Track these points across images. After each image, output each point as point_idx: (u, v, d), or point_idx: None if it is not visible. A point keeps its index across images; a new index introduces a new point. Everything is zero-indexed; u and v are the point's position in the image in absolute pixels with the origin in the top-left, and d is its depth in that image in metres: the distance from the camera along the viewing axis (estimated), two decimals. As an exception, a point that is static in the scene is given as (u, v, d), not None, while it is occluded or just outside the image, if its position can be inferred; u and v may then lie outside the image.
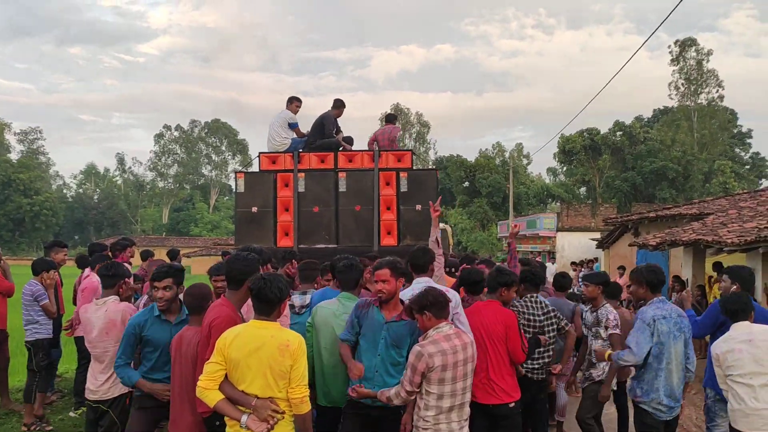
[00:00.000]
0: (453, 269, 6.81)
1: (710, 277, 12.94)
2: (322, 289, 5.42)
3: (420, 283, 4.76)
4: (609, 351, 5.15)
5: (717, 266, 12.51)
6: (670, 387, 4.72)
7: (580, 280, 16.01)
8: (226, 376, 3.58)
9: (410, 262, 5.03)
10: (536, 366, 5.49)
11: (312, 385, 4.37)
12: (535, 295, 5.67)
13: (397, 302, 4.34)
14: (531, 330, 5.45)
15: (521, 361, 4.79)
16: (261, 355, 3.51)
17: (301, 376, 3.58)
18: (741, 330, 4.65)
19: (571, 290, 8.38)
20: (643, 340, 4.63)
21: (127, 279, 5.11)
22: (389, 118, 10.81)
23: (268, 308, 3.63)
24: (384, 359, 4.22)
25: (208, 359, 3.64)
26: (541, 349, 5.47)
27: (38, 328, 6.91)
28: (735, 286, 5.74)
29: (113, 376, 4.69)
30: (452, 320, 4.44)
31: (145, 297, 5.30)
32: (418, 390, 3.96)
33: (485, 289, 5.09)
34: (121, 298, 4.99)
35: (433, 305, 4.01)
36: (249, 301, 4.15)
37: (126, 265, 7.43)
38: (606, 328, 5.81)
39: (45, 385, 7.05)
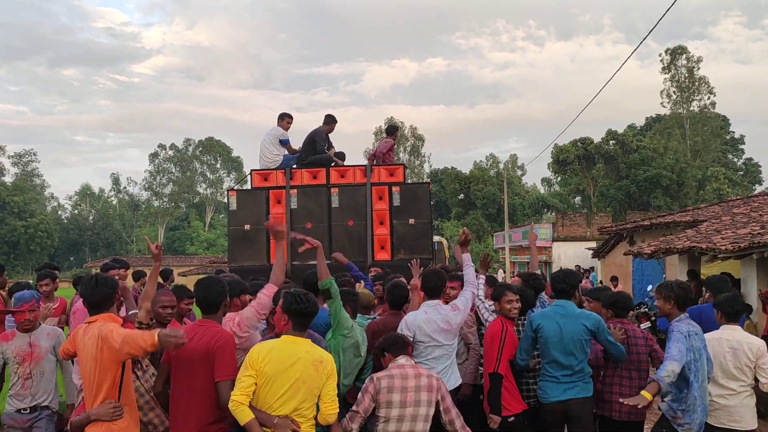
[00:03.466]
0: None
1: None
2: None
3: (430, 306, 4.99)
4: (645, 393, 4.38)
5: (691, 274, 12.46)
6: (705, 405, 4.69)
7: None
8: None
9: (424, 286, 5.17)
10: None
11: None
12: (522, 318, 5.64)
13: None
14: None
15: (490, 370, 4.93)
16: (296, 369, 3.60)
17: (332, 395, 3.72)
18: (729, 334, 4.97)
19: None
20: (684, 349, 4.53)
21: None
22: (388, 131, 10.92)
23: (307, 323, 3.79)
24: None
25: (225, 377, 3.75)
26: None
27: None
28: (708, 294, 5.87)
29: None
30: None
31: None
32: (362, 413, 4.09)
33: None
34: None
35: (391, 347, 4.34)
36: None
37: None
38: None
39: None
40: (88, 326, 3.81)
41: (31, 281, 7.26)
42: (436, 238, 15.81)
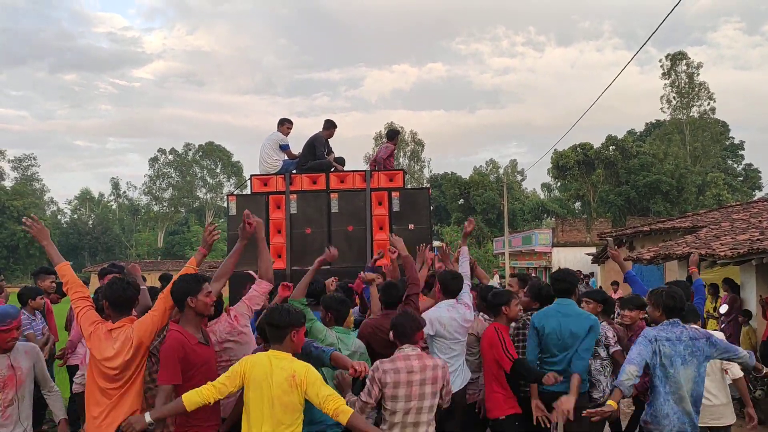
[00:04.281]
0: None
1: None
2: None
3: (450, 305, 5.32)
4: (610, 401, 4.41)
5: (690, 279, 12.38)
6: (684, 414, 4.51)
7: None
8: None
9: (442, 287, 5.46)
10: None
11: None
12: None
13: None
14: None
15: (507, 368, 5.00)
16: (270, 384, 3.61)
17: (324, 396, 3.61)
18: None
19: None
20: (644, 352, 4.52)
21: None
22: (389, 135, 10.93)
23: (277, 334, 3.74)
24: None
25: (161, 382, 3.83)
26: None
27: None
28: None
29: None
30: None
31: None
32: (373, 402, 4.10)
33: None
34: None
35: (398, 332, 4.28)
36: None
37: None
38: (606, 347, 5.59)
39: (39, 419, 6.91)
40: (111, 333, 3.97)
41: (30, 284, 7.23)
42: (435, 244, 15.83)
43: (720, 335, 5.26)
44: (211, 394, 3.64)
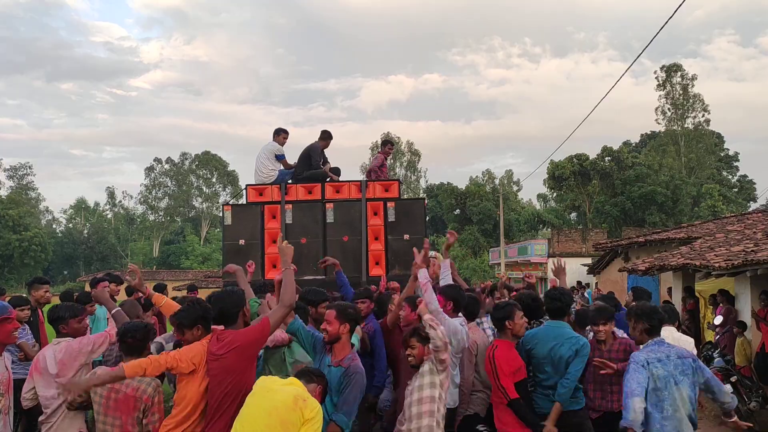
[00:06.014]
0: None
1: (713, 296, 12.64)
2: None
3: (460, 321, 5.10)
4: None
5: (687, 290, 12.46)
6: None
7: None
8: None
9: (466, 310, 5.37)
10: None
11: None
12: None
13: (344, 347, 4.34)
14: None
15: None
16: (275, 396, 3.53)
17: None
18: (668, 334, 5.14)
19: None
20: (641, 379, 4.26)
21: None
22: (381, 144, 11.01)
23: (308, 378, 3.86)
24: (326, 407, 4.01)
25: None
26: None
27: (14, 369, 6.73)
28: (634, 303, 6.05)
29: None
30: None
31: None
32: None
33: None
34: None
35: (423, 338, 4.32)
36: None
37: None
38: None
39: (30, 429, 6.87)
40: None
41: (24, 294, 7.20)
42: (432, 254, 15.82)
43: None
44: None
